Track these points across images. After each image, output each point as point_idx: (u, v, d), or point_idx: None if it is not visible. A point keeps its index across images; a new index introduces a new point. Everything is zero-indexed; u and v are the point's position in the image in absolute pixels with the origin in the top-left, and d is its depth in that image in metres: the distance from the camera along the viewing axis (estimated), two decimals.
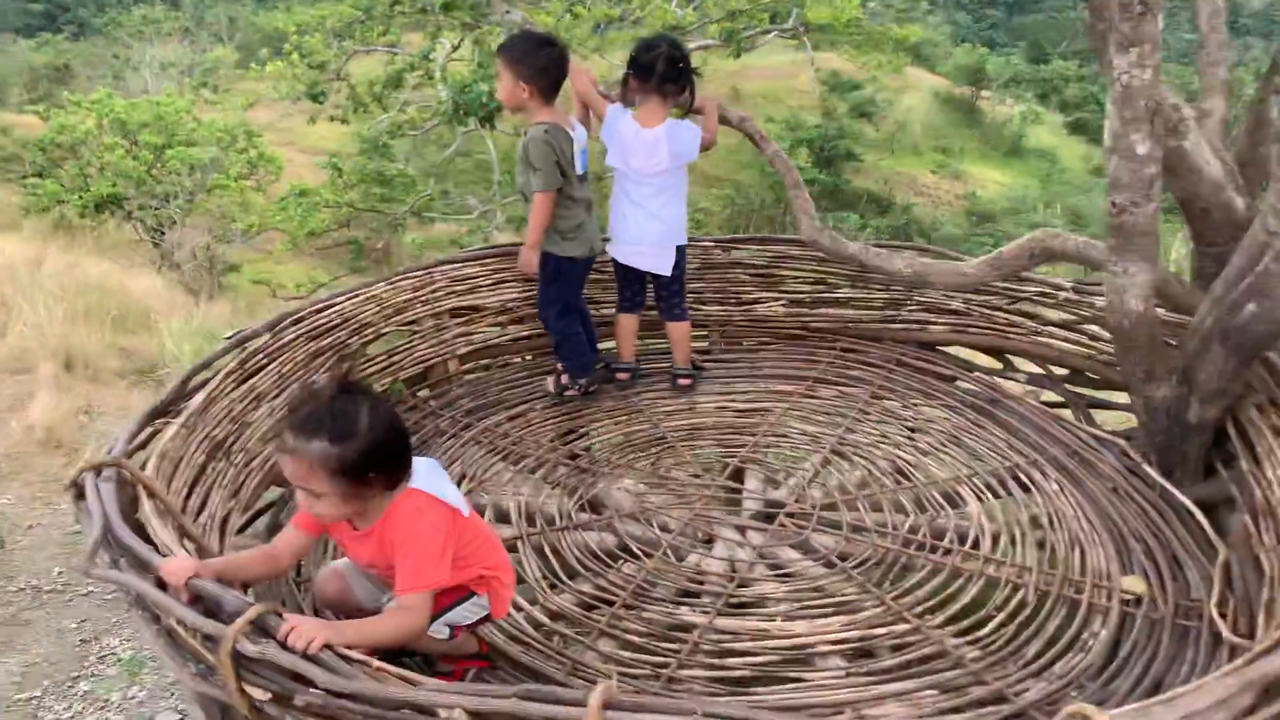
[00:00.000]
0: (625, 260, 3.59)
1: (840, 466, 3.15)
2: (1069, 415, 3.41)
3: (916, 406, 3.43)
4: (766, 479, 3.10)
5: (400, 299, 3.43)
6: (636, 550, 2.72)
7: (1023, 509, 2.90)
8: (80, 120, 12.17)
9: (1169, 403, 2.83)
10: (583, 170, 3.38)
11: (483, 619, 2.17)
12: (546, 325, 3.55)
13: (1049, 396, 3.53)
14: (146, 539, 1.97)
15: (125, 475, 2.12)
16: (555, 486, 3.04)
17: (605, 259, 3.62)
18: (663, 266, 3.54)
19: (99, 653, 3.04)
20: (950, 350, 3.74)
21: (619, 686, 1.97)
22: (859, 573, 2.62)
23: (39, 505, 3.91)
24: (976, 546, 2.72)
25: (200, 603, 1.77)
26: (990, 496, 2.98)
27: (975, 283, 3.27)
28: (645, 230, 3.50)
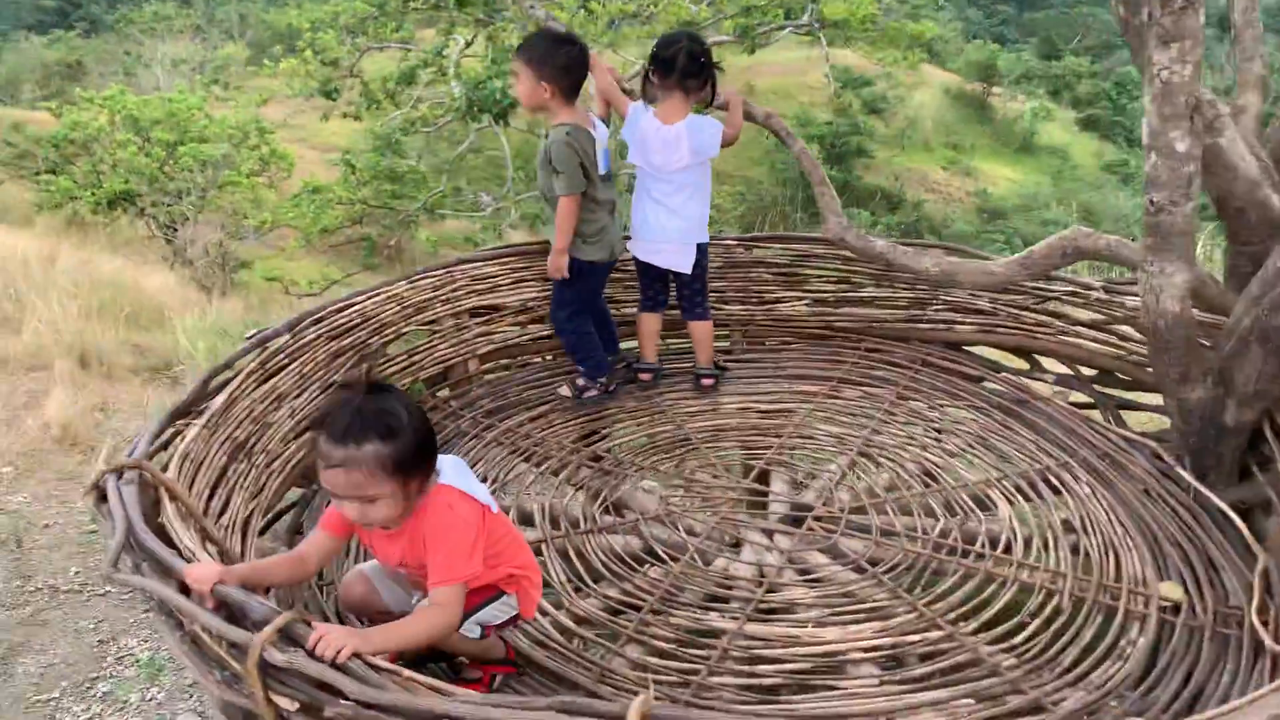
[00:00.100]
0: (645, 258, 3.54)
1: (867, 469, 3.10)
2: (1097, 416, 3.36)
3: (943, 407, 3.38)
4: (792, 481, 3.05)
5: (420, 298, 3.39)
6: (662, 554, 2.68)
7: (1054, 512, 2.85)
8: (93, 117, 12.22)
9: (1204, 405, 2.78)
10: (605, 170, 3.32)
11: (512, 619, 2.14)
12: (556, 326, 3.48)
13: (1076, 397, 3.48)
14: (169, 542, 1.94)
15: (146, 477, 2.09)
16: (578, 488, 2.99)
17: (626, 258, 3.57)
18: (683, 264, 3.48)
19: (117, 653, 3.02)
20: (976, 350, 3.69)
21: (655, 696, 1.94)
22: (890, 578, 2.56)
23: (55, 503, 3.89)
24: (1009, 551, 2.67)
25: (225, 609, 1.74)
26: (1021, 499, 2.93)
27: (1004, 282, 3.22)
28: (665, 227, 3.45)
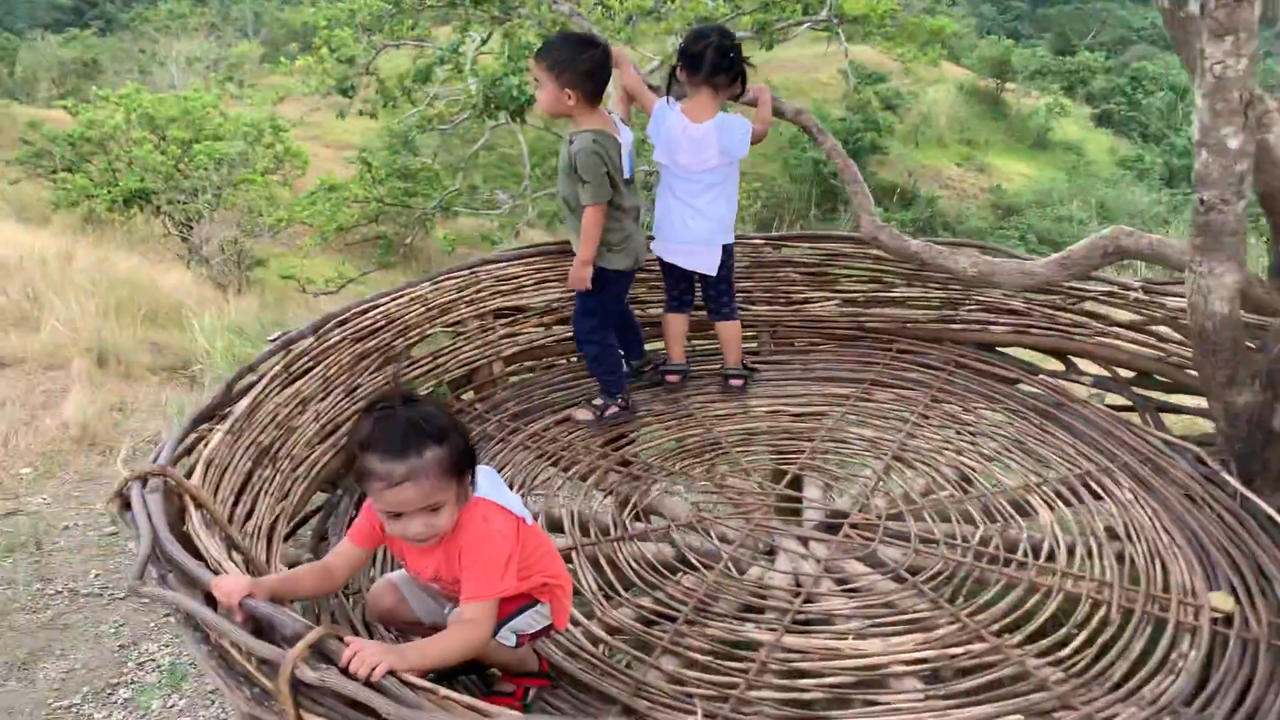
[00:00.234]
0: (669, 258, 3.46)
1: (903, 473, 3.02)
2: (1135, 419, 3.28)
3: (978, 410, 3.30)
4: (827, 487, 2.97)
5: (444, 299, 3.33)
6: (695, 562, 2.60)
7: (1096, 519, 2.77)
8: (108, 115, 12.24)
9: (1251, 409, 2.70)
10: (629, 174, 3.24)
11: (545, 629, 2.10)
12: (578, 337, 3.37)
13: (1114, 400, 3.39)
14: (195, 552, 1.89)
15: (171, 484, 2.04)
16: (607, 494, 2.93)
17: (652, 258, 3.50)
18: (708, 265, 3.41)
19: (138, 659, 2.98)
20: (1010, 351, 3.61)
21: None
22: (930, 587, 2.48)
23: (74, 505, 3.85)
24: (1052, 559, 2.59)
25: (253, 623, 1.68)
26: (1061, 505, 2.85)
27: (1043, 283, 3.14)
28: (690, 228, 3.37)
